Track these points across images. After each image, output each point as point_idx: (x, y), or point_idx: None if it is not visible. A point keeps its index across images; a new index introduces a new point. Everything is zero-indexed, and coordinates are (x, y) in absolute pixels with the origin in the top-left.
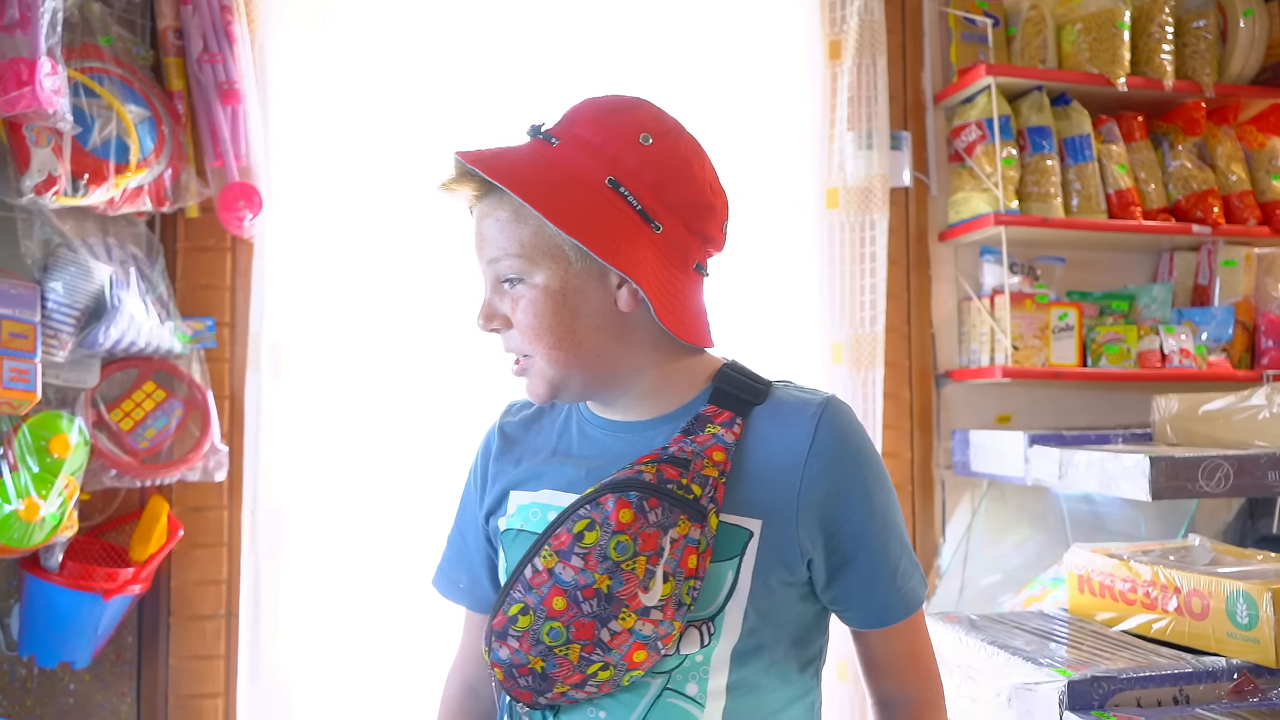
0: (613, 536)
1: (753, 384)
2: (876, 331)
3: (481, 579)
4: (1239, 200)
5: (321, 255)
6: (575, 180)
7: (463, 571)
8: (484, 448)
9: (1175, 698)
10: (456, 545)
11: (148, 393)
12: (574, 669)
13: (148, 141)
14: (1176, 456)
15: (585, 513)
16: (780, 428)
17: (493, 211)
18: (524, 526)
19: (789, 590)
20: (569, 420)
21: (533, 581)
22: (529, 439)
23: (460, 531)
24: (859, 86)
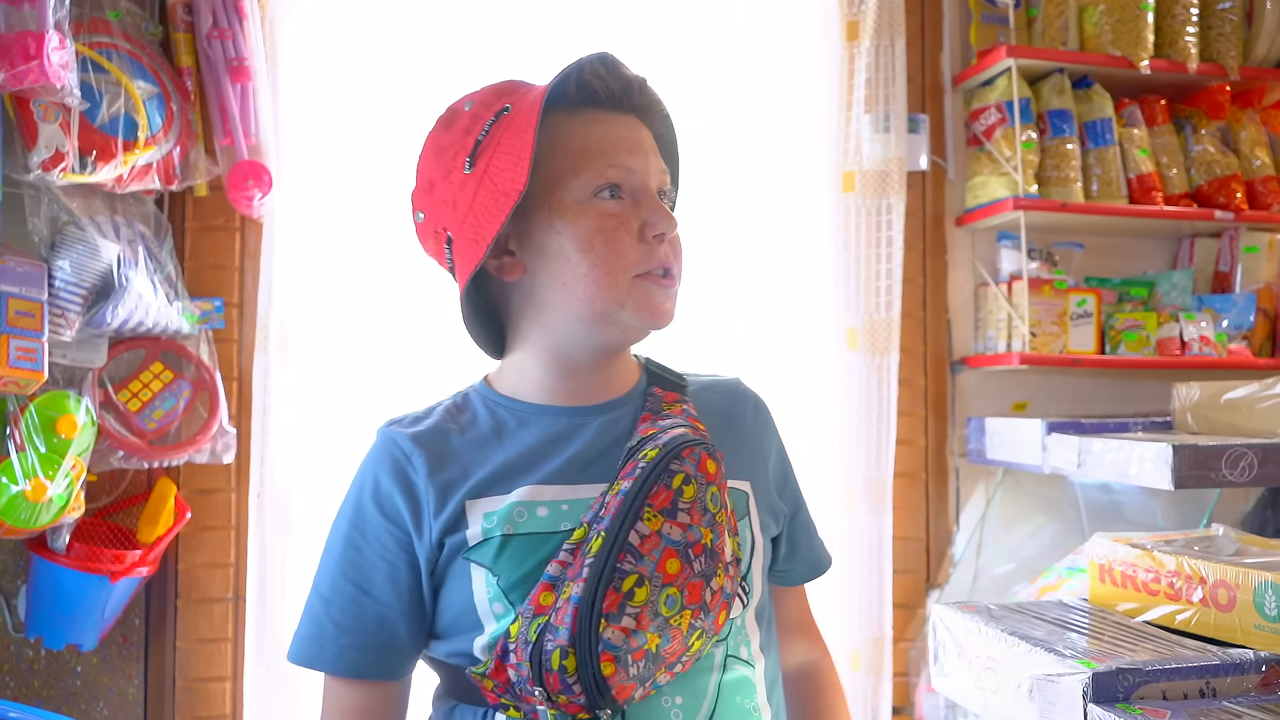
0: (706, 488)
1: (672, 371)
2: (892, 317)
3: (395, 633)
4: (1262, 186)
5: (332, 236)
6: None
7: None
8: (397, 470)
9: (1202, 690)
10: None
11: (155, 373)
12: (683, 641)
13: (156, 118)
14: (1200, 445)
15: (678, 467)
16: (721, 405)
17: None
18: (514, 531)
19: (769, 545)
20: (494, 413)
21: (642, 548)
22: (458, 446)
23: (353, 582)
24: (877, 68)
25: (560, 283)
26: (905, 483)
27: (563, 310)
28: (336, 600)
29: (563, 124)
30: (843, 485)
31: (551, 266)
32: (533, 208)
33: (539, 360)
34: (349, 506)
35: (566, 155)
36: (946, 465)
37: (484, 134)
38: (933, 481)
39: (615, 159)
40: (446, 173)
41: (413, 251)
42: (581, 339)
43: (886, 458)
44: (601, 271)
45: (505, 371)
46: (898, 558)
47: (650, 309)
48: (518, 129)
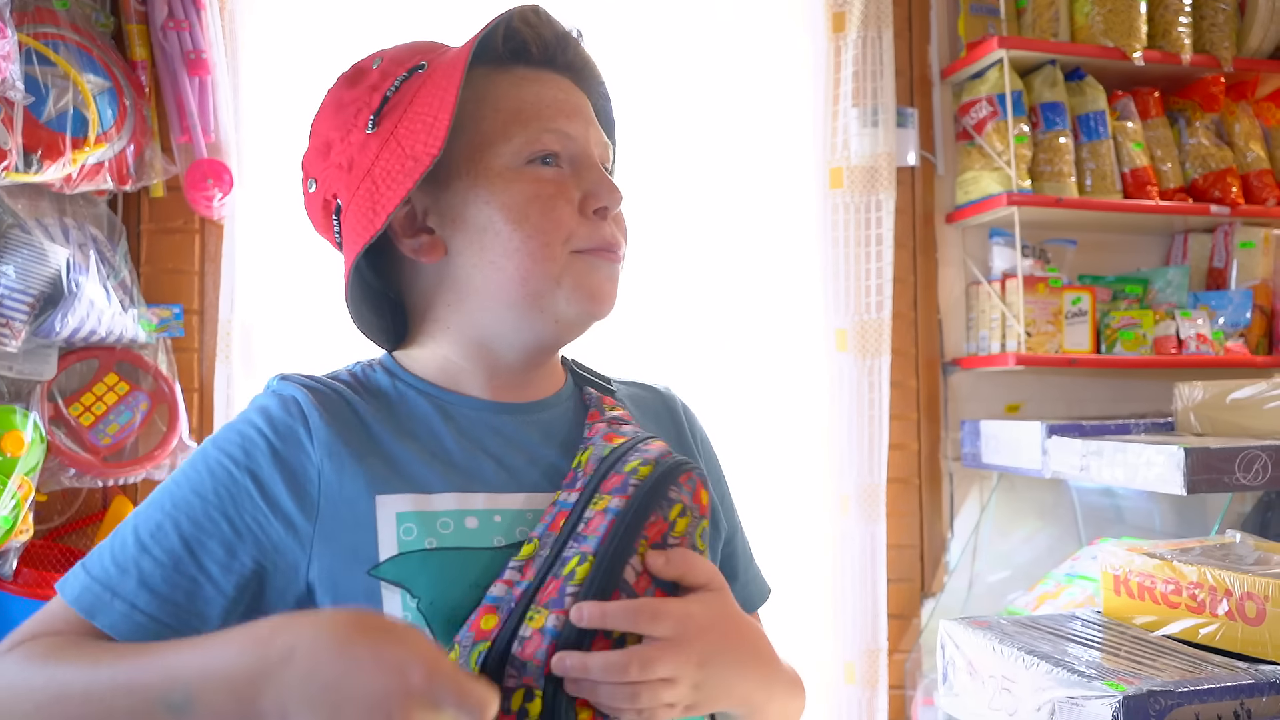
0: (698, 521)
1: (596, 371)
2: (883, 318)
3: (203, 616)
4: (1257, 179)
5: (297, 238)
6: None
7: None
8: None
9: (1236, 712)
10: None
11: (110, 385)
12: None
13: (108, 114)
14: (1212, 447)
15: (676, 495)
16: (651, 413)
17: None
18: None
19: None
20: (405, 397)
21: (636, 586)
22: (367, 423)
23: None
24: (864, 60)
25: (488, 261)
26: (898, 488)
27: (489, 295)
28: (155, 549)
29: (490, 82)
30: (834, 492)
31: (478, 244)
32: (454, 177)
33: (462, 350)
34: (207, 447)
35: (495, 117)
36: (940, 470)
37: (393, 90)
38: (926, 487)
39: (552, 123)
40: (345, 132)
41: None
42: (510, 332)
43: (879, 463)
44: (537, 244)
45: (416, 354)
46: (891, 566)
47: (588, 289)
48: (436, 86)
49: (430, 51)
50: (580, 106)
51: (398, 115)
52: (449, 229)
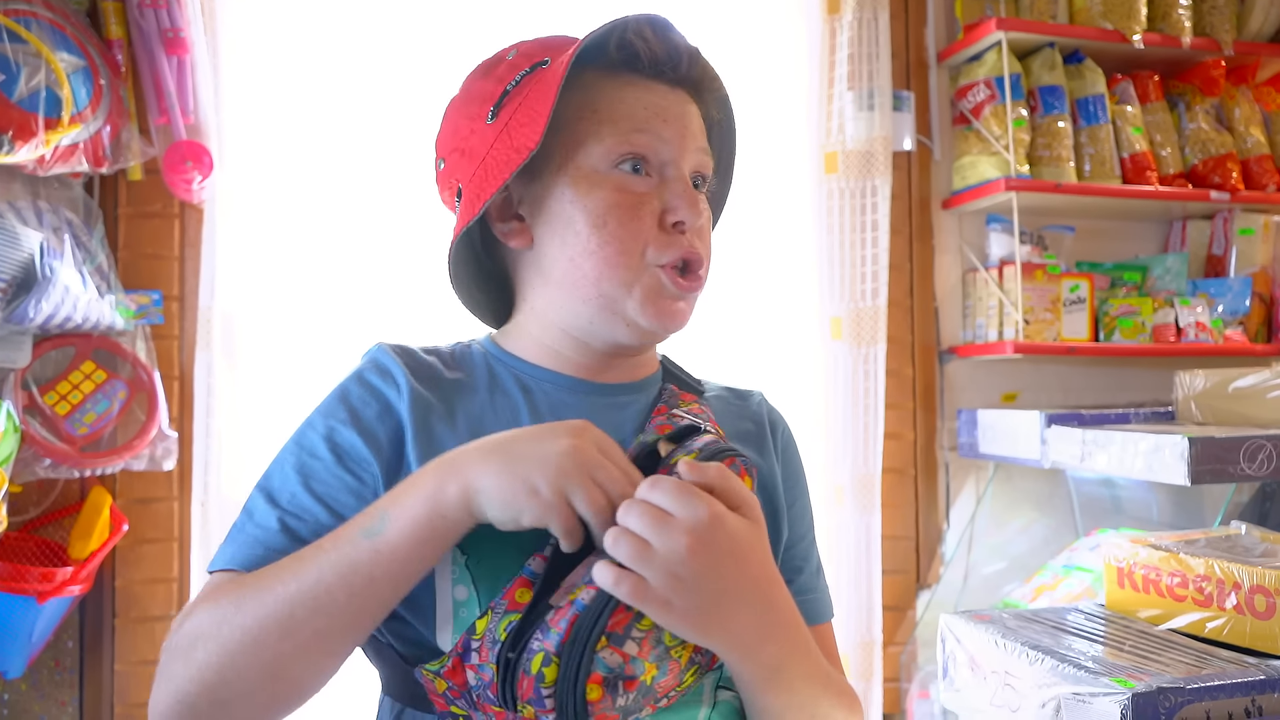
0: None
1: (689, 373)
2: (879, 305)
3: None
4: (1257, 165)
5: (280, 222)
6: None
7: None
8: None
9: (1248, 709)
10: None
11: (86, 373)
12: (678, 675)
13: (82, 94)
14: (1216, 437)
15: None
16: (736, 416)
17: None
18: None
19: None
20: (492, 370)
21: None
22: (450, 389)
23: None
24: (859, 42)
25: (567, 257)
26: (894, 478)
27: (567, 288)
28: (293, 509)
29: (597, 85)
30: (828, 482)
31: (560, 238)
32: (548, 171)
33: (551, 332)
34: (315, 415)
35: (593, 118)
36: (936, 460)
37: (514, 84)
38: (922, 477)
39: (645, 126)
40: (471, 121)
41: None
42: (586, 325)
43: (874, 452)
44: (612, 251)
45: (513, 333)
46: (886, 557)
47: (659, 307)
48: (546, 84)
49: (558, 48)
50: (680, 116)
51: (513, 108)
52: (537, 219)
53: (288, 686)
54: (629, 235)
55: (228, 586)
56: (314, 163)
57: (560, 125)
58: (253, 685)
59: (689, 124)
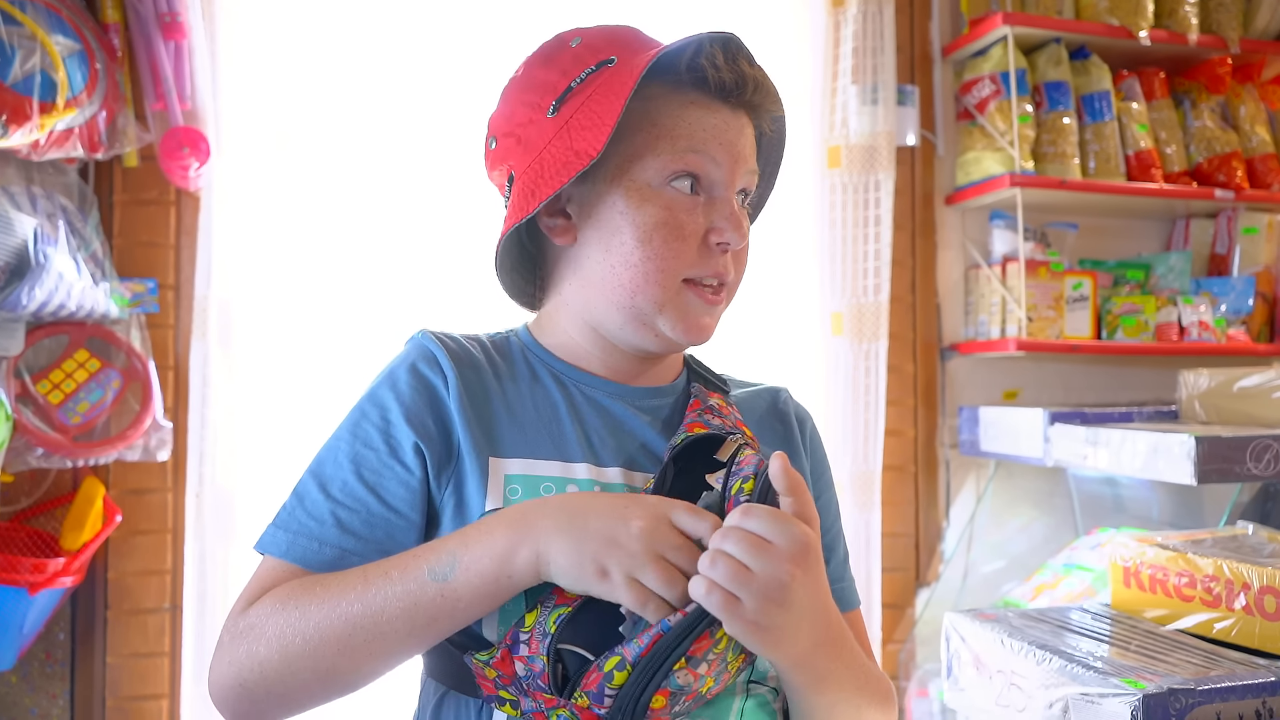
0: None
1: (713, 371)
2: (880, 301)
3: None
4: (1262, 164)
5: (277, 210)
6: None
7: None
8: (420, 371)
9: (1259, 711)
10: (357, 504)
11: (80, 362)
12: (727, 684)
13: (78, 78)
14: (1223, 436)
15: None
16: (763, 414)
17: (748, 127)
18: None
19: None
20: (533, 367)
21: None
22: (491, 381)
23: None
24: (864, 36)
25: (609, 264)
26: (894, 476)
27: (604, 292)
28: (346, 500)
29: (660, 98)
30: None
31: (605, 244)
32: (602, 178)
33: (581, 330)
34: (365, 403)
35: (651, 131)
36: (936, 457)
37: (579, 81)
38: (922, 475)
39: (701, 146)
40: (530, 110)
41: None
42: (616, 330)
43: (875, 449)
44: (653, 268)
45: (545, 325)
46: (886, 555)
47: (688, 322)
48: (612, 90)
49: (624, 44)
50: (736, 141)
51: (575, 105)
52: (584, 220)
53: (341, 686)
54: (672, 255)
55: (294, 589)
56: (312, 150)
57: (620, 134)
58: (308, 683)
59: (743, 148)
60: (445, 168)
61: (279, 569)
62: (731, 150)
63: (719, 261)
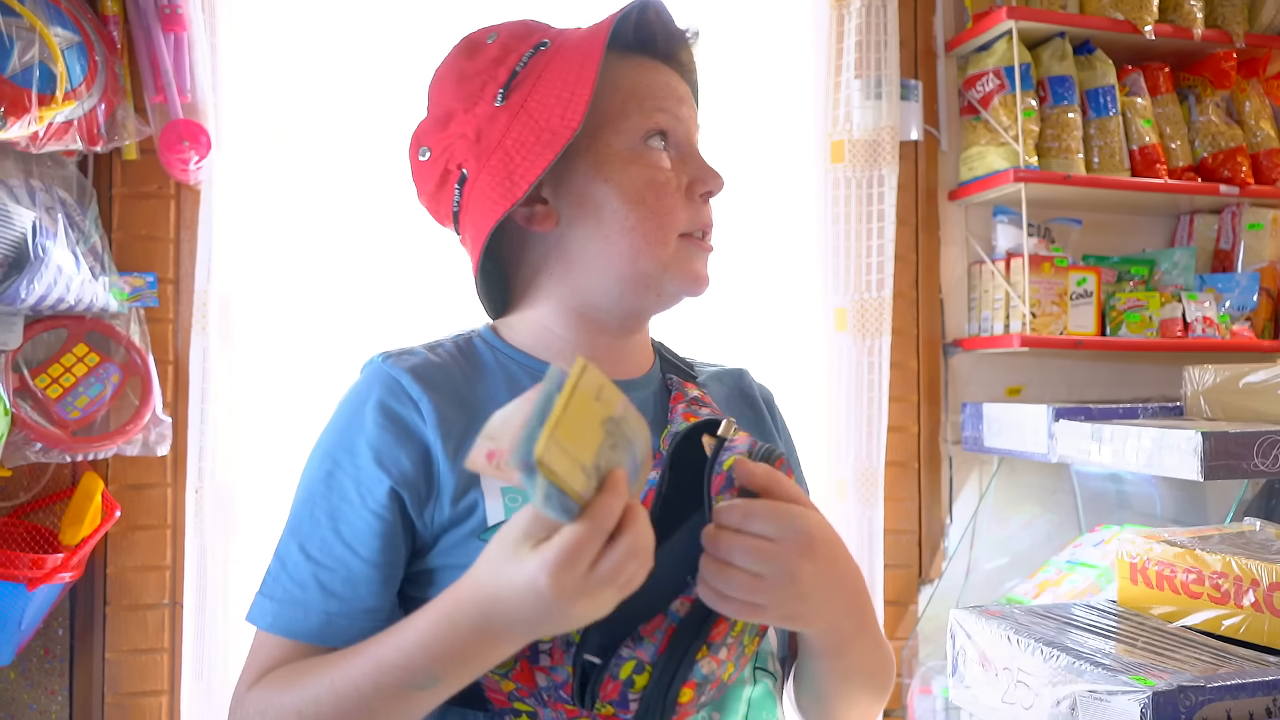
0: None
1: (679, 355)
2: (884, 296)
3: (383, 600)
4: (1267, 159)
5: (277, 204)
6: None
7: (348, 600)
8: (387, 407)
9: (1269, 708)
10: (336, 564)
11: (79, 356)
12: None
13: (77, 70)
14: (1231, 432)
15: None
16: (732, 399)
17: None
18: None
19: None
20: (507, 369)
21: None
22: (468, 393)
23: (343, 541)
24: (867, 30)
25: (602, 236)
26: (897, 472)
27: (599, 268)
28: (326, 561)
29: (614, 64)
30: (831, 475)
31: (593, 219)
32: (575, 153)
33: (562, 319)
34: (334, 449)
35: (615, 96)
36: (940, 453)
37: (521, 65)
38: (925, 471)
39: (665, 104)
40: (471, 104)
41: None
42: (614, 301)
43: (877, 446)
44: (651, 227)
45: (516, 325)
46: (889, 551)
47: (691, 274)
48: (571, 64)
49: (544, 30)
50: (686, 97)
51: (527, 89)
52: (564, 201)
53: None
54: (666, 210)
55: (285, 678)
56: (312, 143)
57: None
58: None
59: (691, 103)
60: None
61: (271, 645)
62: (686, 104)
63: (705, 211)
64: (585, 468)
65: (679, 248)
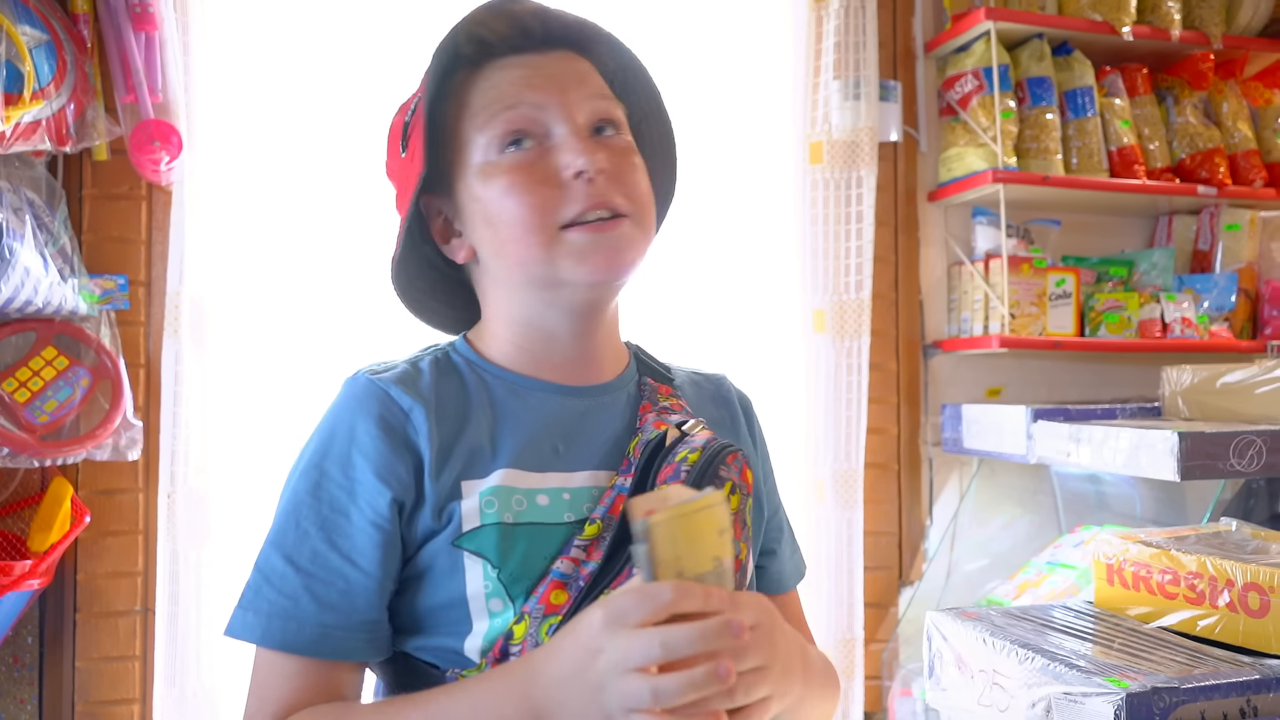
0: (746, 499)
1: (658, 360)
2: (863, 298)
3: (358, 611)
4: (1244, 160)
5: (249, 205)
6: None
7: (345, 612)
8: (385, 420)
9: (1243, 709)
10: (331, 575)
11: (48, 359)
12: None
13: (45, 69)
14: (1207, 432)
15: (726, 474)
16: (709, 403)
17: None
18: (514, 519)
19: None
20: (483, 380)
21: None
22: (452, 406)
23: (340, 553)
24: (846, 31)
25: (495, 252)
26: (876, 474)
27: (510, 281)
28: (319, 573)
29: (467, 84)
30: (809, 478)
31: (484, 237)
32: (455, 180)
33: (514, 331)
34: (321, 461)
35: (467, 114)
36: (919, 455)
37: (410, 114)
38: (905, 473)
39: (514, 100)
40: (393, 156)
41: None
42: (539, 310)
43: (857, 448)
44: (521, 229)
45: (485, 338)
46: (868, 554)
47: (588, 262)
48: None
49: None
50: (556, 74)
51: (413, 137)
52: (466, 229)
53: None
54: (531, 205)
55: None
56: (287, 144)
57: (450, 136)
58: None
59: (567, 78)
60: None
61: (273, 664)
62: (551, 84)
63: (588, 192)
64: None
65: (563, 240)
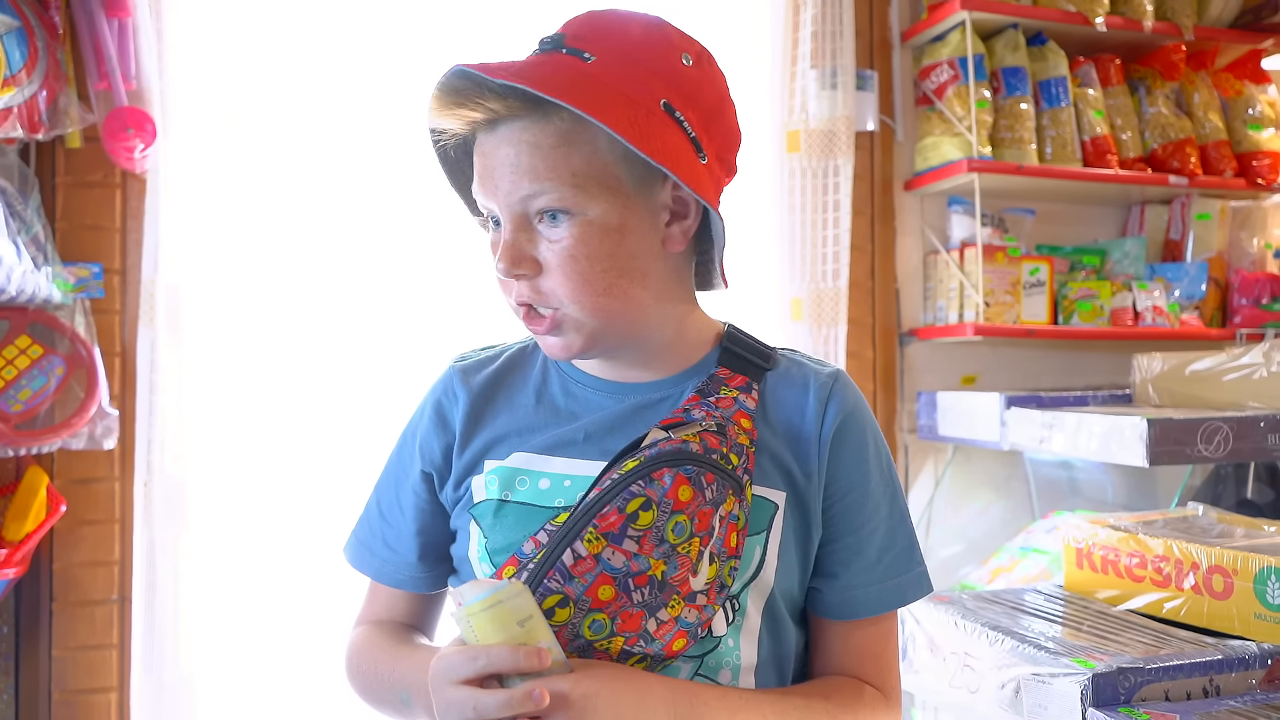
0: (671, 517)
1: (760, 348)
2: (840, 286)
3: (404, 554)
4: (1215, 150)
5: (225, 192)
6: (631, 101)
7: (379, 545)
8: (439, 403)
9: (1205, 688)
10: (373, 517)
11: (21, 348)
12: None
13: (16, 56)
14: (1174, 419)
15: (639, 489)
16: (794, 397)
17: (524, 136)
18: (510, 497)
19: (805, 564)
20: (546, 373)
21: (574, 569)
22: (501, 394)
23: (380, 501)
24: (823, 20)
25: None
26: None
27: None
28: (388, 517)
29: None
30: None
31: None
32: None
33: None
34: (405, 431)
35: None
36: (895, 442)
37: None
38: None
39: (478, 183)
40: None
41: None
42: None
43: None
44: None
45: None
46: None
47: (541, 343)
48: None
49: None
50: (486, 167)
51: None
52: None
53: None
54: (501, 288)
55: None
56: (263, 131)
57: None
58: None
59: (494, 168)
60: (399, 150)
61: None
62: (488, 178)
63: (514, 290)
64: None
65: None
